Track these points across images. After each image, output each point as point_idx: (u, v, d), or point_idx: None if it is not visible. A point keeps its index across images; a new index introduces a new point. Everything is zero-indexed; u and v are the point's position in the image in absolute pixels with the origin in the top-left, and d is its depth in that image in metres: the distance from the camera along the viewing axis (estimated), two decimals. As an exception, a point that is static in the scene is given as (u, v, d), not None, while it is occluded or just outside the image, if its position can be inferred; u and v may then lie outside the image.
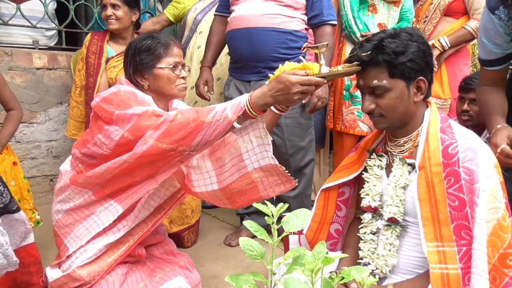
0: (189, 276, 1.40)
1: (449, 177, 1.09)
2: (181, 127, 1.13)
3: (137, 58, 1.37)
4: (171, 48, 1.38)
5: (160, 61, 1.36)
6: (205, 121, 1.12)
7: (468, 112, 2.02)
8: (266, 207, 0.73)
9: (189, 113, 1.15)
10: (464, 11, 2.58)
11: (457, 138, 1.12)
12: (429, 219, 1.11)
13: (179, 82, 1.38)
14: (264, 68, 2.08)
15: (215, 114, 1.13)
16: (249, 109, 1.14)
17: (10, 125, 1.84)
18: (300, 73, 1.11)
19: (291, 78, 1.09)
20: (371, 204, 1.25)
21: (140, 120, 1.18)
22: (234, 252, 2.16)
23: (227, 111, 1.13)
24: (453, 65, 2.63)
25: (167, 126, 1.14)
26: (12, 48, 2.71)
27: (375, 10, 2.55)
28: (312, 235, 1.36)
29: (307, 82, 1.10)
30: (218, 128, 1.13)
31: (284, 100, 1.13)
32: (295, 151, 2.18)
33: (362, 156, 1.32)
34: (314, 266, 0.62)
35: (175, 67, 1.37)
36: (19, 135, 2.71)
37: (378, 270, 1.21)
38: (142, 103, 1.26)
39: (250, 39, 2.04)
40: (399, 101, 1.15)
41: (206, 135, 1.13)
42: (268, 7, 2.02)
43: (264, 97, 1.13)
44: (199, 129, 1.12)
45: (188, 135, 1.13)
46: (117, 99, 1.27)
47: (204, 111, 1.15)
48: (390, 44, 1.12)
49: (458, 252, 1.07)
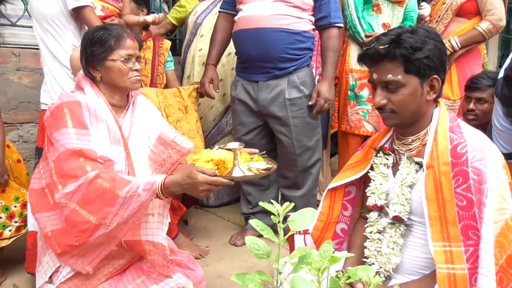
0: (190, 274, 1.39)
1: (457, 176, 1.09)
2: (97, 195, 1.16)
3: (88, 50, 1.37)
4: (123, 40, 1.38)
5: (112, 53, 1.36)
6: (119, 196, 1.16)
7: (474, 111, 2.01)
8: (272, 206, 0.73)
9: (108, 179, 1.18)
10: (476, 11, 2.56)
11: (466, 137, 1.11)
12: (436, 218, 1.10)
13: (131, 74, 1.38)
14: (273, 68, 2.09)
15: (129, 189, 1.17)
16: (160, 193, 1.19)
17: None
18: (209, 172, 1.17)
19: (198, 177, 1.16)
20: (377, 202, 1.24)
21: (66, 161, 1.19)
22: (239, 251, 2.16)
23: (140, 190, 1.17)
24: (464, 66, 2.60)
25: (85, 190, 1.17)
26: (19, 48, 2.73)
27: (380, 10, 2.54)
28: (318, 234, 1.36)
29: (213, 182, 1.17)
30: (132, 205, 1.17)
31: (192, 193, 1.21)
32: (303, 151, 2.19)
33: (368, 155, 1.32)
34: (321, 265, 0.62)
35: (127, 60, 1.37)
36: (26, 135, 2.74)
37: (382, 269, 1.21)
38: (81, 123, 1.26)
39: (260, 39, 2.04)
40: (412, 98, 1.14)
41: (119, 212, 1.17)
42: (277, 8, 2.02)
43: (176, 186, 1.19)
44: (113, 203, 1.16)
45: (104, 206, 1.16)
46: (58, 114, 1.27)
47: (122, 182, 1.18)
48: (408, 39, 1.11)
49: (465, 252, 1.06)
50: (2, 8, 2.74)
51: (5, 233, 1.82)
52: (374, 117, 2.52)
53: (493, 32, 2.53)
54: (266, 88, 2.12)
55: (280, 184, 2.36)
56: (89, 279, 1.32)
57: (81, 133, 1.25)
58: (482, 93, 1.99)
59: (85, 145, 1.23)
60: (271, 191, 2.37)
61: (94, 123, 1.30)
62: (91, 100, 1.33)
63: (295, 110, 2.12)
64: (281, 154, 2.25)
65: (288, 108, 2.11)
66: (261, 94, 2.13)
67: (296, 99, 2.12)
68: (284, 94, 2.10)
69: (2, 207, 1.82)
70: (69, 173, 1.19)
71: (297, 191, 2.27)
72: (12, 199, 1.86)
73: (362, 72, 2.53)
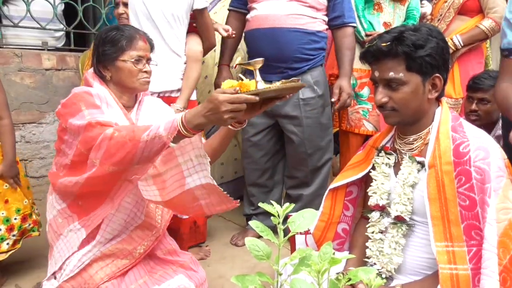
0: (192, 276, 1.39)
1: (460, 176, 1.08)
2: (119, 147, 1.13)
3: (100, 49, 1.38)
4: (136, 42, 1.38)
5: (123, 54, 1.36)
6: (140, 140, 1.11)
7: (476, 112, 1.99)
8: (272, 207, 0.73)
9: (126, 130, 1.15)
10: (479, 9, 2.54)
11: (468, 137, 1.11)
12: (438, 218, 1.09)
13: (141, 76, 1.39)
14: (287, 68, 2.07)
15: (149, 133, 1.10)
16: (182, 129, 1.08)
17: (8, 137, 1.83)
18: (229, 91, 1.03)
19: (219, 96, 1.02)
20: (378, 202, 1.24)
21: (86, 133, 1.20)
22: (241, 252, 2.16)
23: (160, 130, 1.09)
24: (466, 64, 2.58)
25: (107, 145, 1.15)
26: (21, 49, 2.74)
27: (381, 9, 2.53)
28: (319, 235, 1.35)
29: (236, 100, 1.02)
30: (155, 147, 1.11)
31: (216, 120, 1.05)
32: (314, 151, 2.18)
33: (370, 155, 1.31)
34: (321, 267, 0.61)
35: (138, 61, 1.38)
36: (28, 135, 2.74)
37: (384, 269, 1.20)
38: (93, 104, 1.28)
39: (275, 39, 2.02)
40: (413, 96, 1.14)
41: (144, 154, 1.12)
42: (293, 8, 2.01)
43: (197, 117, 1.07)
44: (136, 148, 1.11)
45: (126, 155, 1.13)
46: (70, 103, 1.29)
47: (140, 129, 1.14)
48: (410, 37, 1.11)
49: (468, 252, 1.05)
50: (5, 9, 2.75)
51: (2, 246, 1.77)
52: (375, 116, 2.51)
53: (496, 30, 2.51)
54: None
55: (287, 185, 2.35)
56: (92, 278, 1.32)
57: (95, 112, 1.26)
58: (485, 94, 1.97)
59: (102, 118, 1.24)
60: (275, 193, 2.36)
61: (105, 108, 1.32)
62: (101, 92, 1.35)
63: (309, 110, 2.12)
64: (290, 154, 2.24)
65: (302, 108, 2.10)
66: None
67: (310, 99, 2.11)
68: (298, 94, 2.08)
69: (3, 218, 1.78)
70: (93, 141, 1.18)
71: (305, 189, 2.25)
72: (13, 211, 1.82)
73: (362, 71, 2.52)
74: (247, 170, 2.33)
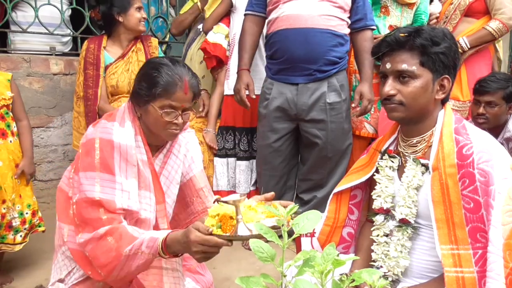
0: (199, 279, 1.40)
1: (463, 178, 1.07)
2: (103, 252, 1.12)
3: (136, 86, 1.26)
4: (173, 90, 1.20)
5: (155, 101, 1.21)
6: (122, 254, 1.10)
7: (484, 115, 1.97)
8: (276, 210, 0.74)
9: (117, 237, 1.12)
10: (485, 11, 2.52)
11: (472, 139, 1.10)
12: (443, 221, 1.09)
13: (169, 127, 1.23)
14: (316, 70, 2.04)
15: (132, 248, 1.09)
16: (161, 252, 1.08)
17: (28, 137, 1.97)
18: (204, 230, 0.98)
19: (191, 235, 0.99)
20: (383, 205, 1.23)
21: (86, 209, 1.15)
22: (246, 254, 2.16)
23: (143, 247, 1.09)
24: (474, 66, 2.56)
25: (94, 244, 1.13)
26: (30, 54, 2.78)
27: (387, 12, 2.52)
28: (324, 239, 1.35)
29: (206, 242, 0.97)
30: (136, 261, 1.11)
31: (190, 254, 1.04)
32: (335, 154, 2.18)
33: (373, 158, 1.31)
34: (324, 268, 0.62)
35: (168, 113, 1.21)
36: (37, 139, 2.78)
37: (391, 273, 1.20)
38: (108, 167, 1.17)
39: (306, 39, 1.98)
40: (422, 92, 1.14)
41: (125, 267, 1.12)
42: (324, 8, 1.98)
43: (176, 244, 1.05)
44: (117, 261, 1.10)
45: (107, 264, 1.12)
46: (88, 150, 1.19)
47: (126, 239, 1.11)
48: (429, 31, 1.13)
49: (474, 255, 1.05)
50: (13, 15, 2.79)
51: (17, 239, 1.88)
52: (375, 119, 2.51)
53: (503, 31, 2.49)
54: (306, 91, 2.07)
55: (300, 189, 2.33)
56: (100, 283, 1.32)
57: (106, 178, 1.17)
58: (492, 97, 1.95)
59: (106, 195, 1.16)
60: (286, 198, 2.33)
61: (123, 167, 1.20)
62: (125, 140, 1.22)
63: (334, 115, 2.11)
64: (309, 158, 2.22)
65: (328, 113, 2.09)
66: (301, 97, 2.07)
67: (336, 103, 2.10)
68: (325, 98, 2.06)
69: (18, 211, 1.88)
70: (86, 222, 1.16)
71: (320, 190, 2.24)
72: (25, 205, 1.92)
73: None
74: (265, 176, 2.28)
